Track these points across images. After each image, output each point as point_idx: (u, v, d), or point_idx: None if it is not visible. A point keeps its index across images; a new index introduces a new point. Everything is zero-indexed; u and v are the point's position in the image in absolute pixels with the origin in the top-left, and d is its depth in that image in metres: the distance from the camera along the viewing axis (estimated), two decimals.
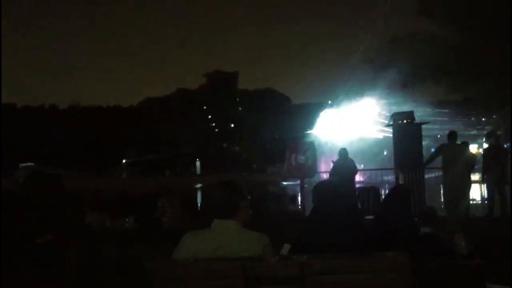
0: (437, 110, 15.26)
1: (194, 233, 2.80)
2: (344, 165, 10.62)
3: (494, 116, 11.90)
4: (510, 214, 5.01)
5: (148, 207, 10.16)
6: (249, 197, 3.03)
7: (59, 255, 4.70)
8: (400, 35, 11.19)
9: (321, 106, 36.86)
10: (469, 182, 10.41)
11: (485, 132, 10.68)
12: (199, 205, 21.03)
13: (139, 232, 8.91)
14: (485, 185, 10.72)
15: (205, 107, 69.17)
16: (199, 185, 41.28)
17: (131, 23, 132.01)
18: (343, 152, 11.03)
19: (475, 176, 11.73)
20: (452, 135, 10.45)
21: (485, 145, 10.88)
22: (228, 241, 2.69)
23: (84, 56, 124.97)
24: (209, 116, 68.79)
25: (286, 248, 3.09)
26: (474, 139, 11.65)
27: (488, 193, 10.59)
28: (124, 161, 63.05)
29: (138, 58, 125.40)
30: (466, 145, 10.53)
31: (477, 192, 11.58)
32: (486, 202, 10.59)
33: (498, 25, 9.92)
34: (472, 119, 12.27)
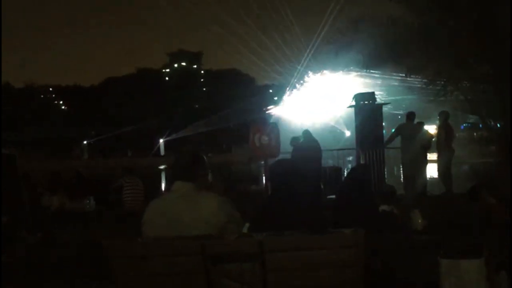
0: (397, 91, 15.61)
1: (155, 200, 3.00)
2: (308, 146, 10.71)
3: (454, 93, 12.25)
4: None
5: (109, 188, 10.01)
6: (211, 175, 3.15)
7: (13, 237, 4.58)
8: (361, 17, 11.32)
9: (285, 87, 36.98)
10: (424, 160, 10.80)
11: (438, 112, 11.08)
12: (163, 187, 20.86)
13: (99, 213, 8.77)
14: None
15: (168, 87, 68.23)
16: (162, 166, 40.87)
17: (93, 1, 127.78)
18: (306, 134, 11.12)
19: (433, 155, 12.13)
20: (410, 115, 10.79)
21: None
22: (186, 200, 2.81)
23: (41, 32, 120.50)
24: (173, 96, 67.95)
25: (245, 226, 3.10)
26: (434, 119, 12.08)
27: (440, 171, 11.01)
28: (84, 142, 61.71)
29: (101, 38, 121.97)
30: (421, 124, 10.88)
31: (435, 170, 12.02)
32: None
33: (454, 4, 10.18)
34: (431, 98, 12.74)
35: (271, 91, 61.10)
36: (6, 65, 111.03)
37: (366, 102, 10.94)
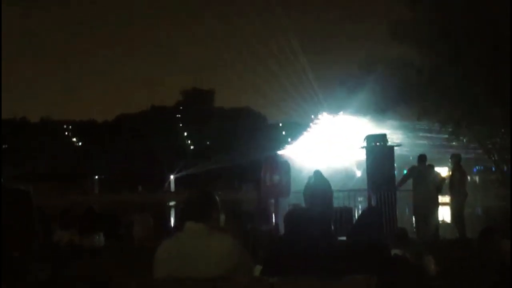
0: (410, 132, 15.62)
1: (167, 239, 2.98)
2: (318, 186, 10.68)
3: (463, 140, 12.24)
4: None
5: (119, 223, 9.99)
6: (223, 215, 3.15)
7: (24, 272, 4.58)
8: (373, 59, 11.50)
9: (296, 125, 37.18)
10: (436, 203, 10.68)
11: (450, 155, 11.05)
12: (172, 223, 20.76)
13: (108, 249, 8.73)
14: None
15: (181, 124, 68.92)
16: (172, 203, 40.78)
17: (107, 39, 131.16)
18: (317, 174, 11.10)
19: (446, 198, 11.99)
20: (421, 157, 10.76)
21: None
22: (199, 241, 2.79)
23: (59, 69, 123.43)
24: (185, 133, 68.55)
25: (257, 269, 3.09)
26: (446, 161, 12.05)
27: (453, 215, 10.87)
28: (96, 177, 62.01)
29: (115, 74, 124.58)
30: (432, 167, 10.82)
31: (448, 214, 11.86)
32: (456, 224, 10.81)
33: (466, 50, 10.31)
34: (444, 142, 12.71)
35: (283, 129, 61.44)
36: (23, 99, 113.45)
37: (377, 144, 10.97)
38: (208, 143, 67.62)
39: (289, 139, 39.92)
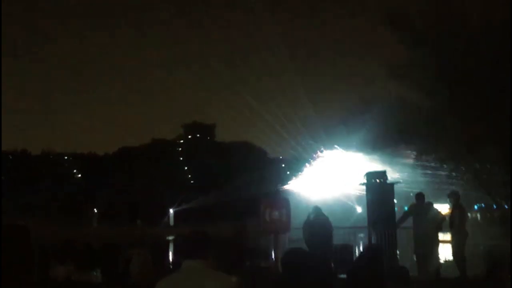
0: (410, 169, 15.66)
1: (165, 277, 3.06)
2: (318, 223, 10.61)
3: (465, 177, 12.27)
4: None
5: (117, 260, 9.91)
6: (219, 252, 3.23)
7: None
8: (372, 98, 11.71)
9: (297, 161, 37.22)
10: (437, 240, 10.63)
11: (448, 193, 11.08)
12: (170, 258, 20.53)
13: (106, 285, 8.64)
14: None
15: (181, 158, 69.01)
16: (171, 237, 40.38)
17: (109, 72, 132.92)
18: (316, 210, 11.05)
19: (447, 236, 11.91)
20: (419, 195, 10.80)
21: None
22: (196, 280, 2.83)
23: (60, 102, 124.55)
24: (185, 167, 68.55)
25: None
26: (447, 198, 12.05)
27: (454, 254, 10.78)
28: (95, 210, 61.65)
29: (116, 107, 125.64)
30: (431, 204, 10.83)
31: (449, 252, 11.76)
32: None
33: (464, 90, 10.49)
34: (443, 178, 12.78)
35: (283, 164, 61.45)
36: (24, 132, 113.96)
37: (377, 181, 10.99)
38: (208, 177, 67.52)
39: (290, 174, 39.87)
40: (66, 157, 67.87)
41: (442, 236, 11.20)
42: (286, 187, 36.89)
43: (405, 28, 11.77)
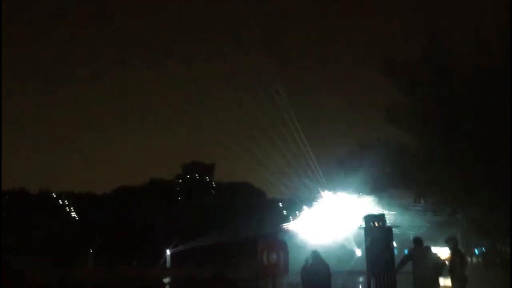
0: (409, 211, 15.66)
1: None
2: (315, 268, 10.57)
3: (464, 222, 12.27)
4: None
5: None
6: None
7: None
8: (369, 141, 11.87)
9: (295, 202, 37.10)
10: (437, 284, 10.54)
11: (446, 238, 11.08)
12: None
13: None
14: None
15: (179, 198, 68.65)
16: (167, 280, 39.71)
17: (107, 111, 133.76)
18: (315, 255, 11.01)
19: (448, 281, 11.81)
20: (417, 240, 10.80)
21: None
22: None
23: (57, 140, 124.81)
24: (184, 208, 68.10)
25: None
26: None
27: None
28: (91, 250, 60.82)
29: (114, 146, 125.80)
30: (428, 249, 10.80)
31: None
32: None
33: (459, 135, 10.67)
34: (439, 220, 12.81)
35: (282, 206, 61.15)
36: (22, 170, 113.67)
37: (376, 224, 10.97)
38: (206, 217, 67.02)
39: (288, 215, 39.64)
40: (63, 197, 67.52)
41: (442, 281, 11.12)
42: (284, 228, 36.59)
43: (399, 73, 12.10)
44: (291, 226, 34.11)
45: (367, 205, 16.54)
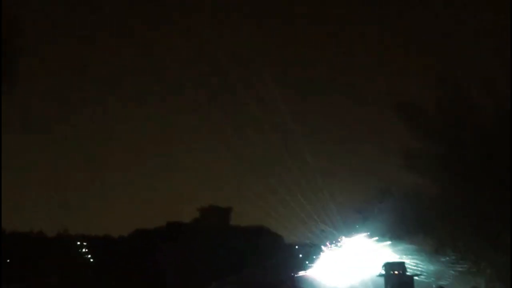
0: (430, 258, 15.22)
1: None
2: None
3: (488, 270, 11.91)
4: None
5: None
6: None
7: None
8: (386, 188, 11.74)
9: (313, 247, 36.50)
10: None
11: None
12: None
13: None
14: None
15: (196, 241, 68.05)
16: None
17: (124, 154, 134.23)
18: None
19: None
20: None
21: None
22: None
23: (76, 183, 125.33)
24: (200, 252, 67.44)
25: None
26: None
27: None
28: None
29: (133, 189, 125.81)
30: None
31: None
32: None
33: (479, 181, 10.49)
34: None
35: (299, 250, 60.13)
36: (40, 212, 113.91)
37: (396, 272, 10.72)
38: (222, 262, 66.12)
39: (306, 260, 38.85)
40: (80, 240, 67.49)
41: None
42: (302, 273, 35.82)
43: (414, 118, 12.12)
44: (309, 271, 33.40)
45: (386, 251, 16.17)
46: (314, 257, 33.53)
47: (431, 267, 14.87)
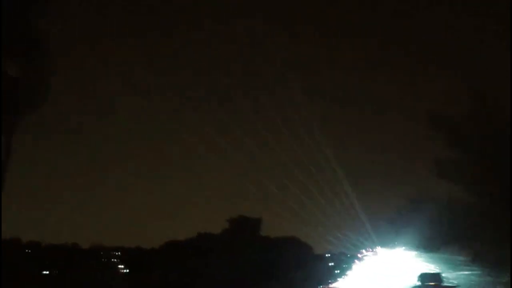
0: (464, 271, 14.91)
1: None
2: None
3: None
4: None
5: None
6: None
7: None
8: (419, 196, 11.66)
9: (343, 258, 36.22)
10: None
11: None
12: None
13: None
14: None
15: (227, 252, 68.19)
16: None
17: (154, 165, 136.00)
18: None
19: None
20: None
21: None
22: None
23: (110, 196, 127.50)
24: (231, 263, 67.59)
25: None
26: None
27: None
28: None
29: (162, 201, 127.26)
30: None
31: None
32: None
33: None
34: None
35: (330, 261, 59.57)
36: (74, 225, 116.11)
37: (432, 284, 10.64)
38: (252, 273, 66.07)
39: (336, 271, 38.58)
40: (114, 252, 68.59)
41: None
42: (332, 285, 35.57)
43: (446, 128, 12.04)
44: (339, 282, 33.15)
45: (420, 261, 15.98)
46: (344, 265, 33.26)
47: (468, 278, 14.61)
